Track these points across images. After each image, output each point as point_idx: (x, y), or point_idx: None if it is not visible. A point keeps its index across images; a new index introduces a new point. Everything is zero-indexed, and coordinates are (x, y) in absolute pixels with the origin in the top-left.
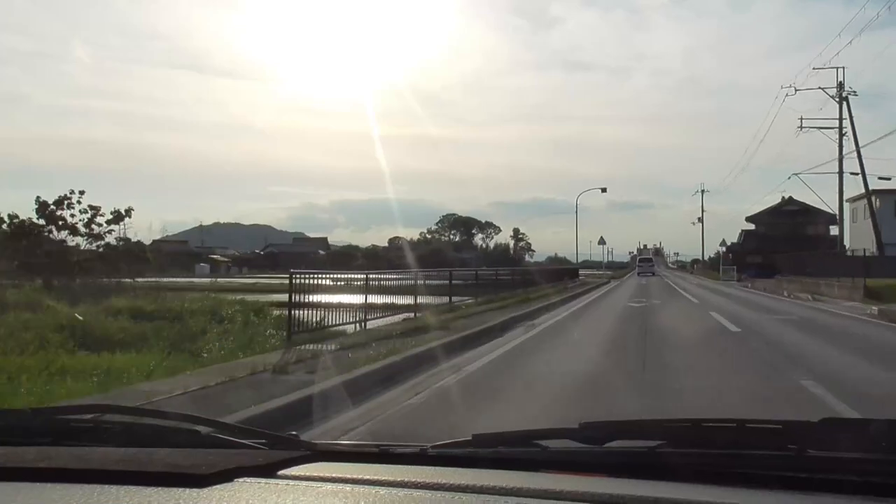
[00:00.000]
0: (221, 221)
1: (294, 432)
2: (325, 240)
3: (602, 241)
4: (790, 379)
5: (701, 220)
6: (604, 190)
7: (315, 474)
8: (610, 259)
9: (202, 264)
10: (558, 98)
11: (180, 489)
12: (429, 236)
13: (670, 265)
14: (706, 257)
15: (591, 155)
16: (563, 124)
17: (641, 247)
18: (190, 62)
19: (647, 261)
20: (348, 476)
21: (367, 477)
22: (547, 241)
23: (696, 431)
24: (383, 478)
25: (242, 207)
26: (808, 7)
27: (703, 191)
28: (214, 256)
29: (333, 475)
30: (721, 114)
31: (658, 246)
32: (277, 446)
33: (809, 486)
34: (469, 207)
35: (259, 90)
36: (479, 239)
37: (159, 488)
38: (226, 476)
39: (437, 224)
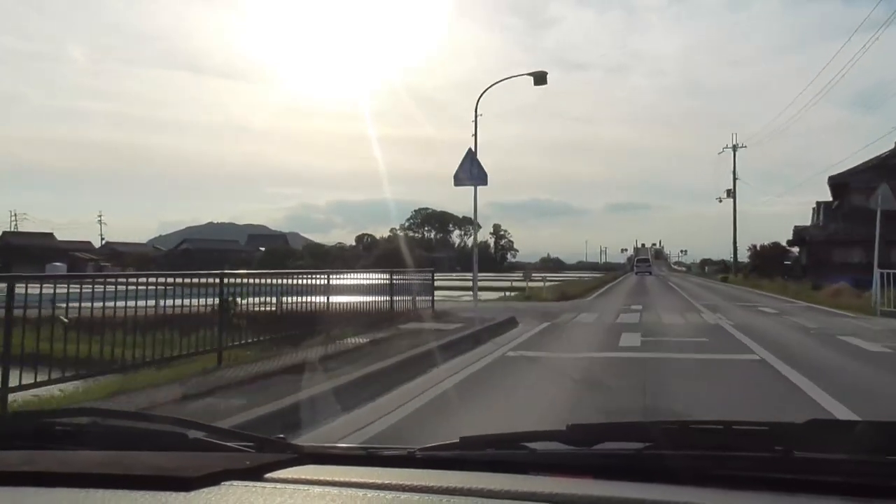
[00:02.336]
0: (215, 221)
1: (282, 435)
2: (284, 236)
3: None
4: None
5: (732, 193)
6: (538, 80)
7: (302, 477)
8: (605, 259)
9: (56, 263)
10: (554, 98)
11: (166, 493)
12: (400, 233)
13: (674, 266)
14: (722, 255)
15: (588, 155)
16: (559, 124)
17: (639, 245)
18: (187, 63)
19: (645, 261)
20: (336, 479)
21: (355, 480)
22: (543, 242)
23: (683, 433)
24: (371, 480)
25: (241, 208)
26: (804, 7)
27: (734, 146)
28: (77, 253)
29: (321, 478)
30: (718, 113)
31: (658, 245)
32: (265, 449)
33: (796, 488)
34: (466, 208)
35: (256, 91)
36: (456, 236)
37: (145, 492)
38: (213, 479)
39: (408, 220)
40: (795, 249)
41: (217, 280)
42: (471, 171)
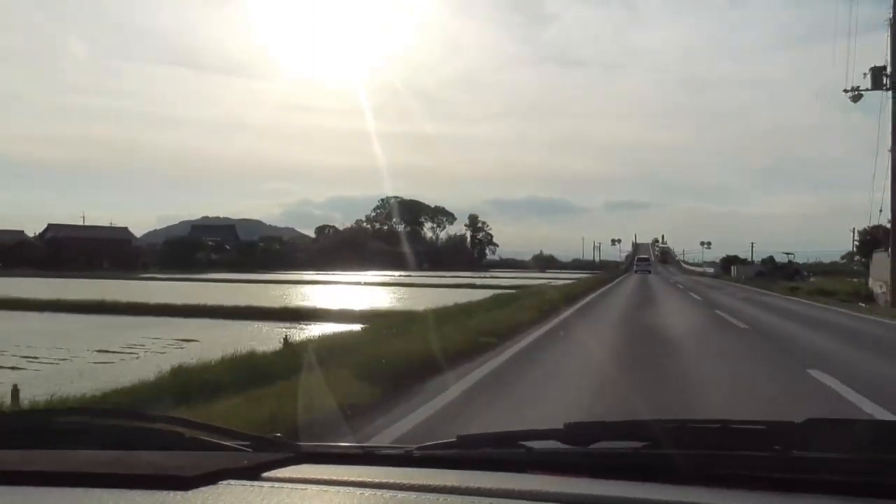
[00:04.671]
0: (210, 216)
1: (278, 434)
2: (233, 227)
3: None
4: None
5: (891, 76)
6: None
7: (299, 476)
8: (599, 256)
9: None
10: (554, 94)
11: (164, 492)
12: (367, 226)
13: (687, 266)
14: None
15: (588, 152)
16: (559, 121)
17: (637, 241)
18: (186, 59)
19: (646, 259)
20: (333, 478)
21: (352, 479)
22: (541, 239)
23: (680, 432)
24: (368, 479)
25: (240, 203)
26: (805, 2)
27: None
28: None
29: (318, 477)
30: (720, 109)
31: (661, 241)
32: (262, 448)
33: (794, 487)
34: (465, 204)
35: (255, 87)
36: (428, 228)
37: (143, 491)
38: (210, 478)
39: (374, 210)
40: None
41: None
42: None
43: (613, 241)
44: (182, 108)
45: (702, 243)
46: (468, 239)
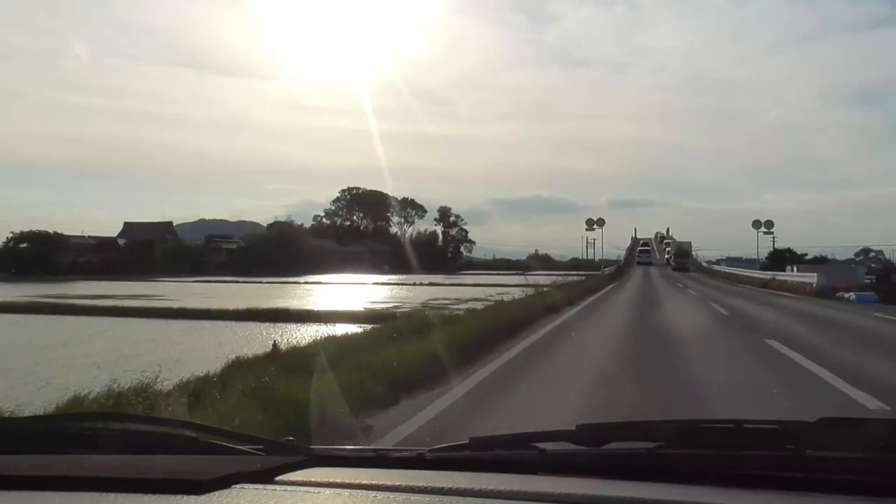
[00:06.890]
0: (207, 217)
1: (291, 438)
2: (169, 226)
3: None
4: None
5: None
6: None
7: (312, 479)
8: (593, 254)
9: None
10: (557, 95)
11: (178, 496)
12: (326, 221)
13: (707, 265)
14: None
15: (591, 152)
16: (562, 121)
17: (637, 237)
18: (188, 59)
19: (646, 252)
20: (345, 481)
21: (365, 481)
22: (543, 238)
23: (693, 433)
24: (380, 482)
25: (241, 204)
26: (809, 3)
27: None
28: None
29: (330, 480)
30: (722, 111)
31: (667, 234)
32: (275, 452)
33: (807, 487)
34: (467, 205)
35: (257, 87)
36: (395, 223)
37: (157, 495)
38: (224, 482)
39: (333, 203)
40: None
41: None
42: None
43: (590, 224)
44: (184, 108)
45: (755, 223)
46: (440, 236)
